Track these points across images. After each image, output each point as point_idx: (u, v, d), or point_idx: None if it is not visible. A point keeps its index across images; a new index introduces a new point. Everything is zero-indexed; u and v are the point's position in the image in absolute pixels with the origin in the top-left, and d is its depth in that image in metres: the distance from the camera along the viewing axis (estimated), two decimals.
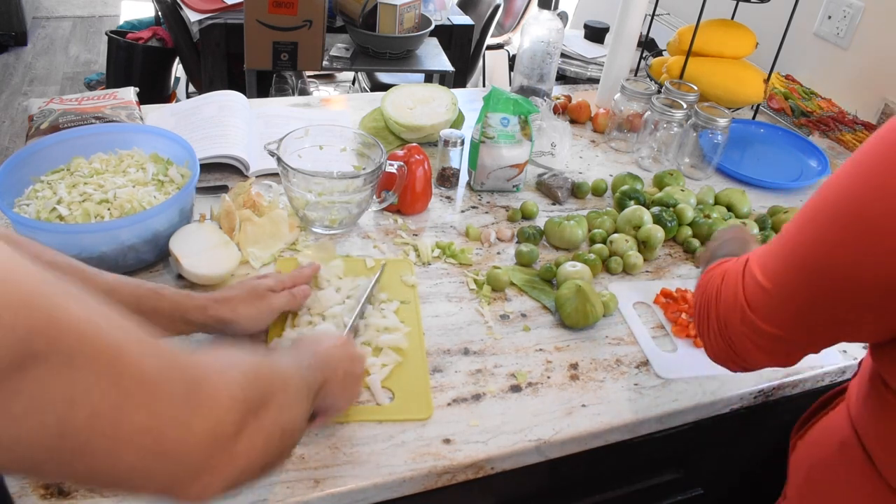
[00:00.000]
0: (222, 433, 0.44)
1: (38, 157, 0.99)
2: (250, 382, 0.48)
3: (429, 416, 0.79)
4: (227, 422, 0.44)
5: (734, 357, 0.68)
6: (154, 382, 0.40)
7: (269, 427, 0.49)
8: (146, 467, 0.40)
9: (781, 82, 1.68)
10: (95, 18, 4.59)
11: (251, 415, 0.47)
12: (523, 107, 1.18)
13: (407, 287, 0.97)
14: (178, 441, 0.41)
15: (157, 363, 0.41)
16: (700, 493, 1.08)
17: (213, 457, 0.44)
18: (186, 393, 0.42)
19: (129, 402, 0.38)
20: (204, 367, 0.45)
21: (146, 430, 0.39)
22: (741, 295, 0.64)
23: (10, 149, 3.12)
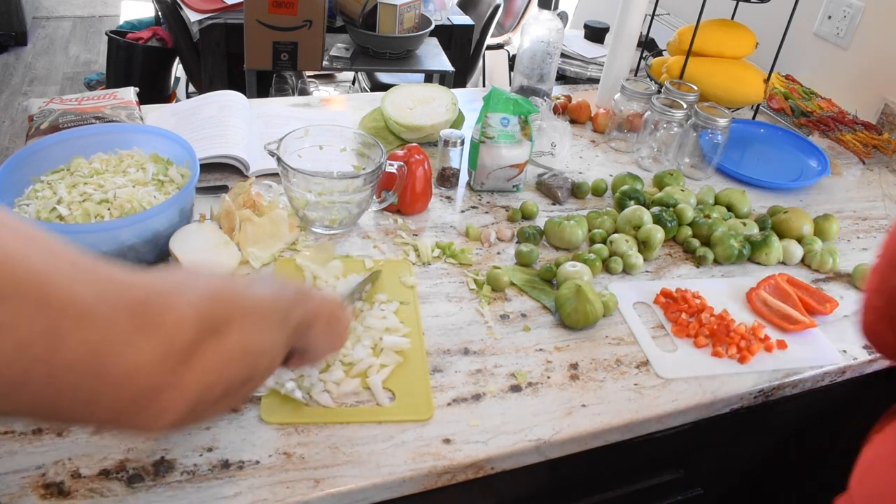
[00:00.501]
0: (174, 352, 0.42)
1: (38, 157, 0.99)
2: (210, 302, 0.46)
3: (430, 416, 0.79)
4: (179, 341, 0.42)
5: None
6: (90, 308, 0.38)
7: (231, 348, 0.47)
8: (90, 393, 0.39)
9: (781, 82, 1.68)
10: (95, 18, 4.59)
11: (208, 333, 0.45)
12: (523, 107, 1.18)
13: (406, 288, 0.97)
14: (123, 363, 0.39)
15: (93, 285, 0.39)
16: (700, 493, 1.08)
17: (167, 376, 0.41)
18: (130, 314, 0.40)
19: (62, 329, 0.37)
20: (153, 288, 0.43)
21: (86, 355, 0.38)
22: None
23: (10, 149, 3.12)
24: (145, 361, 0.40)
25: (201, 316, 0.45)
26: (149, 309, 0.41)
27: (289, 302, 0.59)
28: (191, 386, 0.43)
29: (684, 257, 1.14)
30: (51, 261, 0.38)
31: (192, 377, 0.43)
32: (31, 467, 0.68)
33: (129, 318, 0.40)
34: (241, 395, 0.53)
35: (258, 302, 0.53)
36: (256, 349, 0.51)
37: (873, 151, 1.51)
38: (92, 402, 0.39)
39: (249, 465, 0.71)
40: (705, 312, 0.99)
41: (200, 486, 0.69)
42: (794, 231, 1.17)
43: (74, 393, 0.38)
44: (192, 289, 0.46)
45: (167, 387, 0.42)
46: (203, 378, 0.44)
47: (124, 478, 0.68)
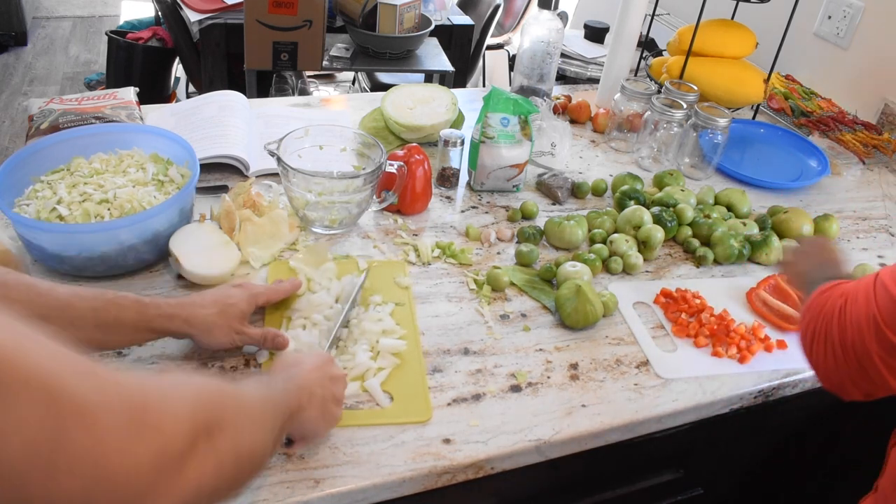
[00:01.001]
0: (168, 457, 0.42)
1: (38, 157, 0.99)
2: (201, 406, 0.47)
3: (428, 418, 0.79)
4: (173, 446, 0.43)
5: (858, 382, 0.64)
6: (92, 409, 0.38)
7: (222, 451, 0.48)
8: (87, 495, 0.39)
9: (781, 82, 1.68)
10: (95, 18, 4.59)
11: (201, 439, 0.45)
12: (523, 107, 1.18)
13: (401, 289, 0.97)
14: (120, 467, 0.39)
15: (95, 389, 0.39)
16: (700, 493, 1.08)
17: (159, 482, 0.42)
18: (128, 418, 0.40)
19: (66, 431, 0.37)
20: (149, 392, 0.44)
21: (86, 458, 0.38)
22: (874, 309, 0.61)
23: (10, 149, 3.12)
24: (140, 466, 0.41)
25: (196, 422, 0.45)
26: (147, 413, 0.42)
27: (283, 393, 0.62)
28: (179, 492, 0.43)
29: (684, 257, 1.14)
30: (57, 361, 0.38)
31: (181, 484, 0.43)
32: None
33: (127, 422, 0.40)
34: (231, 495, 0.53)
35: (247, 402, 0.55)
36: (248, 451, 0.52)
37: (873, 151, 1.51)
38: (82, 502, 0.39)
39: None
40: (705, 312, 0.99)
41: None
42: (794, 231, 1.17)
43: (67, 491, 0.38)
44: (188, 392, 0.47)
45: (157, 493, 0.42)
46: (192, 484, 0.44)
47: None
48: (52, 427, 0.36)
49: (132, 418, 0.41)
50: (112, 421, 0.39)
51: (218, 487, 0.48)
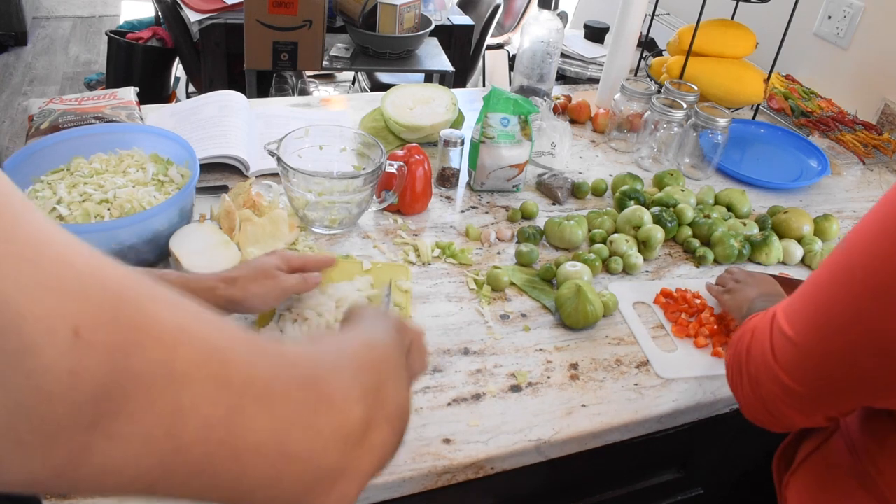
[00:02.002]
0: (352, 430, 0.40)
1: (38, 157, 0.99)
2: (362, 368, 0.45)
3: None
4: (353, 417, 0.40)
5: (770, 418, 0.64)
6: (267, 383, 0.36)
7: (391, 413, 0.45)
8: (275, 475, 0.36)
9: (781, 82, 1.68)
10: (95, 18, 4.59)
11: (374, 404, 0.43)
12: (523, 107, 1.18)
13: (401, 292, 0.97)
14: (305, 444, 0.37)
15: (269, 366, 0.37)
16: (700, 493, 1.08)
17: (347, 458, 0.39)
18: (304, 392, 0.38)
19: (243, 407, 0.34)
20: (318, 363, 0.41)
21: (269, 435, 0.35)
22: (769, 351, 0.61)
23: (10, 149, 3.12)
24: (325, 442, 0.38)
25: (364, 391, 0.43)
26: (320, 387, 0.39)
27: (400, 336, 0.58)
28: (366, 467, 0.41)
29: (684, 257, 1.14)
30: (226, 337, 0.35)
31: (366, 458, 0.41)
32: None
33: (304, 397, 0.38)
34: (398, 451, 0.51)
35: (389, 354, 0.52)
36: (406, 403, 0.50)
37: (873, 151, 1.51)
38: (274, 486, 0.36)
39: None
40: (705, 312, 0.99)
41: None
42: (794, 231, 1.17)
43: (257, 477, 0.36)
44: (344, 358, 0.44)
45: (346, 470, 0.40)
46: (376, 456, 0.43)
47: None
48: (228, 403, 0.34)
49: (308, 393, 0.38)
50: (289, 397, 0.37)
51: (393, 448, 0.47)
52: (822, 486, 0.70)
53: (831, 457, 0.70)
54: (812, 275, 0.60)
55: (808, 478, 0.73)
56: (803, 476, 0.73)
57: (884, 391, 0.56)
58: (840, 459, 0.68)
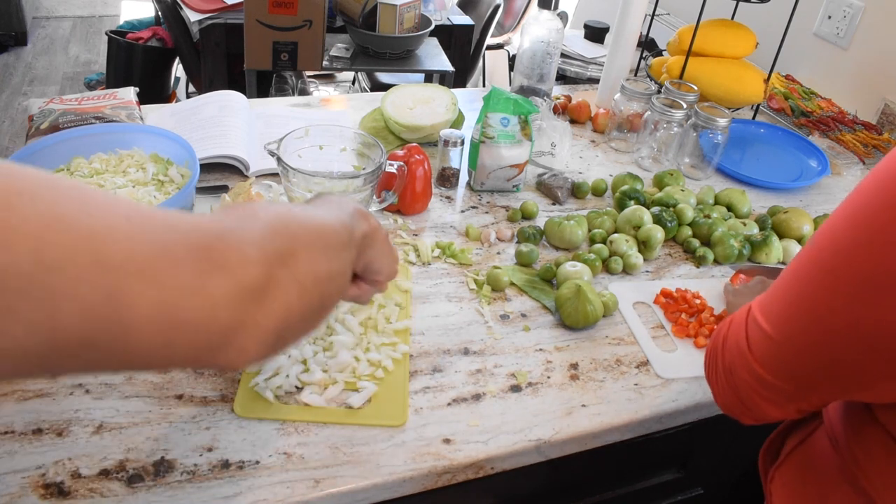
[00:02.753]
0: (246, 289, 0.42)
1: (38, 157, 0.99)
2: (274, 233, 0.46)
3: (402, 422, 0.78)
4: (248, 278, 0.42)
5: (743, 408, 0.64)
6: (150, 258, 0.38)
7: (301, 276, 0.47)
8: (167, 342, 0.39)
9: (781, 82, 1.68)
10: (95, 18, 4.59)
11: (279, 265, 0.45)
12: (523, 107, 1.18)
13: (401, 292, 0.97)
14: (194, 310, 0.39)
15: (150, 238, 0.38)
16: (700, 493, 1.08)
17: (242, 316, 0.42)
18: (195, 258, 0.40)
19: (125, 285, 0.36)
20: (213, 231, 0.42)
21: (155, 308, 0.38)
22: (744, 341, 0.62)
23: (10, 149, 3.12)
24: (215, 305, 0.40)
25: (266, 252, 0.44)
26: (212, 253, 0.41)
27: (351, 220, 0.58)
28: (266, 323, 0.43)
29: (684, 257, 1.14)
30: (106, 219, 0.37)
31: (266, 313, 0.43)
32: (31, 467, 0.68)
33: (192, 265, 0.40)
34: (318, 320, 0.52)
35: (321, 227, 0.52)
36: (327, 274, 0.51)
37: (873, 151, 1.51)
38: (167, 351, 0.39)
39: (249, 465, 0.71)
40: (705, 312, 0.99)
41: (200, 486, 0.69)
42: (794, 231, 1.17)
43: (149, 345, 0.38)
44: (252, 226, 0.46)
45: (242, 326, 0.42)
46: (277, 313, 0.44)
47: (124, 478, 0.68)
48: (108, 288, 0.36)
49: (197, 260, 0.40)
50: (174, 269, 0.39)
51: (307, 309, 0.48)
52: (805, 479, 0.71)
53: (815, 451, 0.71)
54: (785, 270, 0.61)
55: (793, 471, 0.73)
56: (788, 470, 0.74)
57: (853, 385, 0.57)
58: (823, 453, 0.69)
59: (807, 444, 0.72)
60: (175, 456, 0.71)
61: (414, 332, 0.91)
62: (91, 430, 0.73)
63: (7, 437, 0.71)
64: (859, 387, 0.57)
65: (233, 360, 0.43)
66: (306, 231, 0.50)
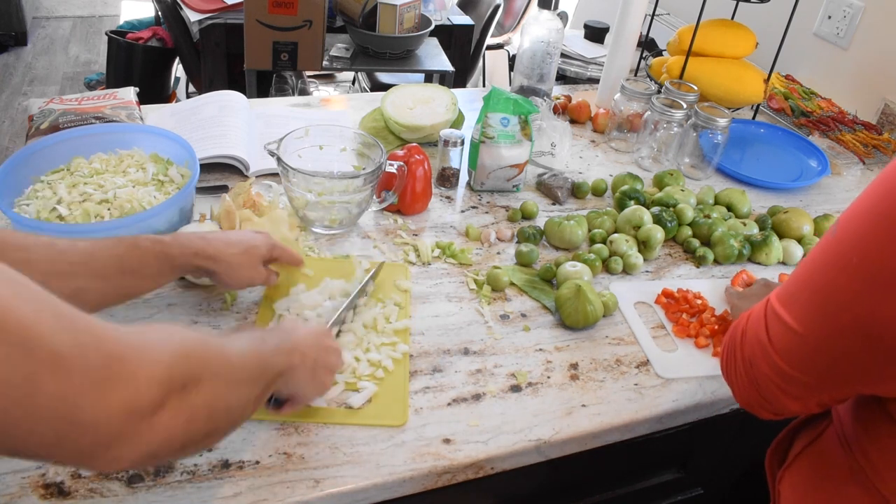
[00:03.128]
0: (139, 407, 0.45)
1: (38, 157, 0.99)
2: (180, 360, 0.49)
3: (403, 422, 0.78)
4: (145, 397, 0.45)
5: (763, 402, 0.64)
6: (67, 355, 0.41)
7: (195, 406, 0.50)
8: (61, 436, 0.42)
9: (781, 82, 1.68)
10: (95, 18, 4.59)
11: (175, 392, 0.47)
12: (523, 107, 1.18)
13: (400, 291, 0.97)
14: (90, 415, 0.42)
15: (72, 338, 0.42)
16: (700, 493, 1.08)
17: (128, 430, 0.44)
18: (103, 366, 0.43)
19: (39, 376, 0.39)
20: (128, 344, 0.46)
21: (58, 404, 0.41)
22: (764, 333, 0.61)
23: (10, 149, 3.12)
24: (110, 415, 0.43)
25: (171, 375, 0.47)
26: (123, 365, 0.44)
27: (274, 352, 0.63)
28: (147, 440, 0.46)
29: (684, 257, 1.14)
30: (36, 310, 0.41)
31: (149, 432, 0.46)
32: (31, 467, 0.68)
33: (102, 371, 0.43)
34: (198, 449, 0.56)
35: (232, 358, 0.56)
36: (224, 406, 0.54)
37: (873, 151, 1.51)
38: (56, 445, 0.42)
39: (249, 465, 0.71)
40: (706, 313, 0.99)
41: (200, 486, 0.69)
42: (794, 231, 1.17)
43: (43, 435, 0.41)
44: (168, 346, 0.49)
45: (124, 439, 0.44)
46: (161, 434, 0.47)
47: (124, 478, 0.68)
48: (26, 371, 0.39)
49: (106, 369, 0.43)
50: (86, 370, 0.42)
51: (190, 438, 0.51)
52: (815, 479, 0.70)
53: (825, 451, 0.70)
54: (805, 259, 0.60)
55: (802, 472, 0.73)
56: (797, 470, 0.73)
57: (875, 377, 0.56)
58: (833, 453, 0.68)
59: (816, 445, 0.72)
60: None
61: (414, 332, 0.91)
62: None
63: None
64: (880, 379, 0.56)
65: (104, 465, 0.46)
66: (218, 361, 0.54)
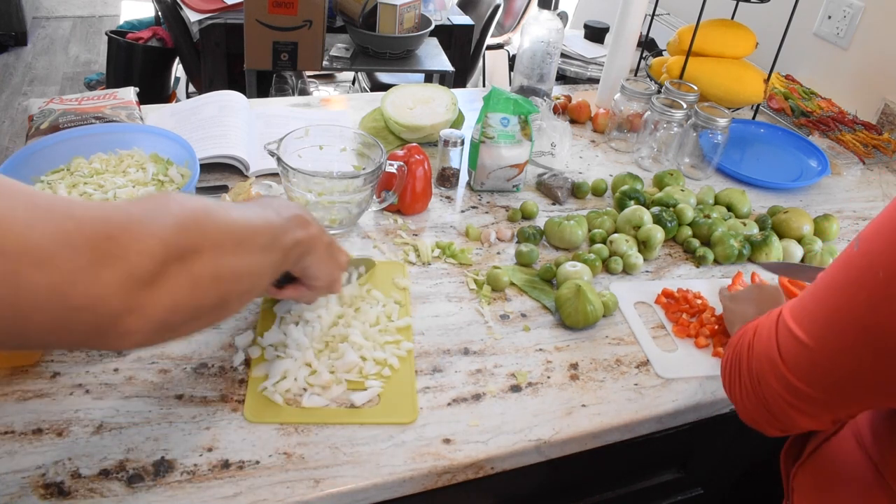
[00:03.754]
0: (135, 279, 0.44)
1: (38, 157, 0.99)
2: (175, 233, 0.48)
3: (413, 419, 0.78)
4: (140, 268, 0.45)
5: (771, 419, 0.62)
6: (48, 245, 0.40)
7: (198, 274, 0.49)
8: (59, 323, 0.42)
9: (781, 82, 1.68)
10: (95, 18, 4.59)
11: (173, 262, 0.47)
12: (523, 107, 1.18)
13: (399, 290, 0.97)
14: (86, 296, 0.42)
15: (53, 226, 0.41)
16: (700, 493, 1.08)
17: (129, 302, 0.44)
18: (92, 248, 0.42)
19: (20, 271, 0.39)
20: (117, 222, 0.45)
21: (49, 294, 0.41)
22: (775, 349, 0.59)
23: (10, 149, 3.12)
24: (104, 292, 0.43)
25: (167, 245, 0.47)
26: (111, 243, 0.44)
27: (280, 226, 0.60)
28: (153, 310, 0.45)
29: (684, 257, 1.14)
30: (8, 207, 0.40)
31: (154, 301, 0.46)
32: (31, 467, 0.68)
33: (89, 254, 0.42)
34: (217, 316, 0.55)
35: (237, 226, 0.54)
36: (231, 274, 0.53)
37: (873, 151, 1.51)
38: (58, 331, 0.43)
39: (249, 465, 0.71)
40: (706, 313, 0.99)
41: (200, 486, 0.69)
42: (794, 231, 1.17)
43: (40, 324, 0.42)
44: (161, 218, 0.48)
45: (129, 312, 0.44)
46: (166, 302, 0.46)
47: (124, 478, 0.68)
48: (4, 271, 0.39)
49: (95, 249, 0.43)
50: (73, 256, 0.41)
51: (200, 305, 0.50)
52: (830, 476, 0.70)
53: (840, 447, 0.69)
54: (823, 275, 0.58)
55: (817, 469, 0.72)
56: (812, 467, 0.73)
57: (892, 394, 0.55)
58: (849, 451, 0.68)
59: (832, 443, 0.71)
60: (175, 456, 0.71)
61: (414, 331, 0.91)
62: (91, 430, 0.73)
63: (7, 437, 0.71)
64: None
65: (120, 342, 0.46)
66: (219, 230, 0.52)
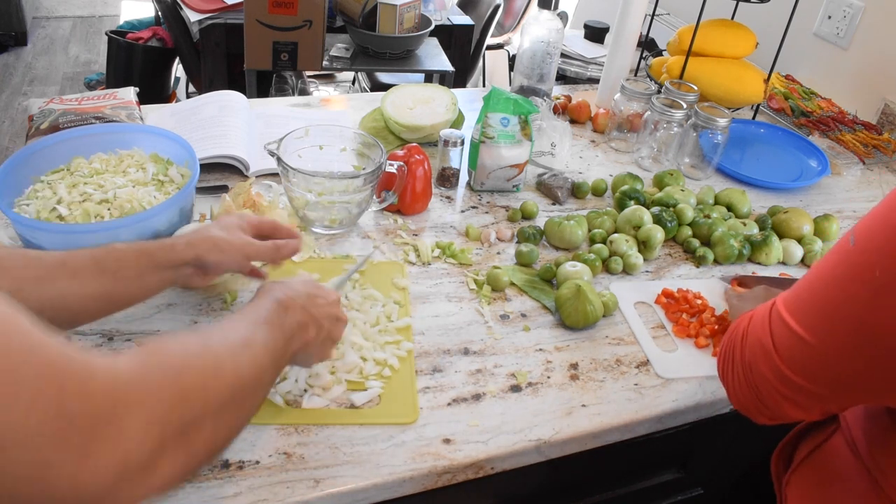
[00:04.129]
0: (132, 465, 0.41)
1: (38, 157, 0.99)
2: (177, 406, 0.44)
3: (414, 419, 0.79)
4: (139, 454, 0.41)
5: (760, 407, 0.63)
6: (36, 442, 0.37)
7: (195, 449, 0.46)
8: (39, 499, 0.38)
9: (781, 82, 1.68)
10: (95, 18, 4.59)
11: (175, 440, 0.44)
12: (523, 107, 1.18)
13: (399, 290, 0.97)
14: (71, 482, 0.38)
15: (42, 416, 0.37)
16: (700, 493, 1.08)
17: (122, 487, 0.41)
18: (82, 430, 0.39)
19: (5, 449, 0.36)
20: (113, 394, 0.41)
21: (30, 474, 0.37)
22: (768, 339, 0.60)
23: (10, 149, 3.12)
24: (96, 480, 0.39)
25: (166, 425, 0.43)
26: (111, 425, 0.40)
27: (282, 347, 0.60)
28: (145, 492, 0.42)
29: (684, 257, 1.14)
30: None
31: (144, 486, 0.42)
32: None
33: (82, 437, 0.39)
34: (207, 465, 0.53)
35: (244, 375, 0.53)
36: (226, 435, 0.51)
37: (873, 151, 1.51)
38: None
39: (249, 465, 0.71)
40: (706, 313, 0.99)
41: (200, 486, 0.69)
42: (794, 231, 1.17)
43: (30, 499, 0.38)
44: (163, 388, 0.44)
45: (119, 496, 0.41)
46: (157, 484, 0.43)
47: None
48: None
49: (88, 431, 0.39)
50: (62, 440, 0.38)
51: (189, 473, 0.47)
52: (824, 484, 0.70)
53: (833, 455, 0.70)
54: (818, 268, 0.58)
55: (810, 476, 0.72)
56: (805, 474, 0.73)
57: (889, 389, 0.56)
58: (842, 458, 0.68)
59: (823, 450, 0.71)
60: None
61: (414, 331, 0.91)
62: None
63: None
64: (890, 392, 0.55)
65: None
66: (222, 390, 0.50)
